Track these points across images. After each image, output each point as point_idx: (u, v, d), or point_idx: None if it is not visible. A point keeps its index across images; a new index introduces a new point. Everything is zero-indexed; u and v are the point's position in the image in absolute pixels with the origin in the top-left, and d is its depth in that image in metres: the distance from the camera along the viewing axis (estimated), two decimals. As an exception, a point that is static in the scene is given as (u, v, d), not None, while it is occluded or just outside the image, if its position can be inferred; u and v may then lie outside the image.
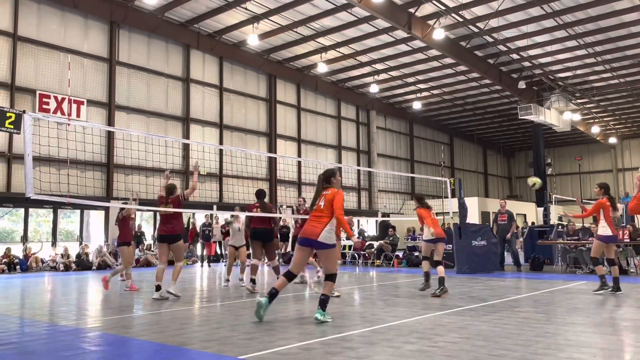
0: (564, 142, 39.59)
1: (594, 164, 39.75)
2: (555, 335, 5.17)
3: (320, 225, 6.10)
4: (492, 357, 4.26)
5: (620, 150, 38.78)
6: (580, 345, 4.79)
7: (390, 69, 25.37)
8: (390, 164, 32.08)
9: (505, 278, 11.78)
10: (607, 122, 34.66)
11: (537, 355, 4.35)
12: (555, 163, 39.18)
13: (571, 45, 21.90)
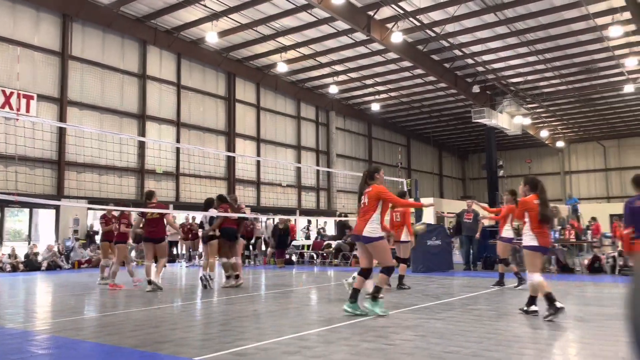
0: (515, 145, 40.95)
1: (542, 167, 41.29)
2: (505, 332, 5.36)
3: (364, 222, 6.34)
4: (446, 354, 4.38)
5: (568, 154, 40.45)
6: (529, 341, 4.99)
7: (350, 71, 25.58)
8: (349, 165, 32.35)
9: (459, 276, 12.10)
10: (555, 126, 36.08)
11: (489, 351, 4.50)
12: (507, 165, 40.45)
13: (523, 51, 22.69)
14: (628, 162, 37.58)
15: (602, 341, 4.88)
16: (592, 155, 39.44)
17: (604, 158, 38.87)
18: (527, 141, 38.88)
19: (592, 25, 19.41)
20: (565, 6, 18.22)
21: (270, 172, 25.87)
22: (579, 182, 39.16)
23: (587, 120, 34.24)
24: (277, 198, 26.46)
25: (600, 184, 38.88)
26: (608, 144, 38.50)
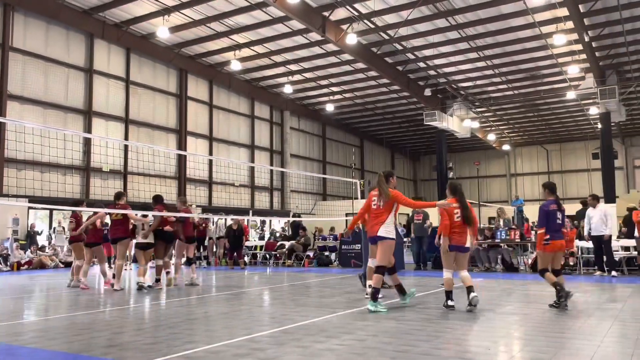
0: (464, 148, 42.12)
1: (490, 169, 42.67)
2: (453, 330, 5.47)
3: (379, 224, 6.89)
4: (397, 353, 4.43)
5: (514, 157, 41.97)
6: (476, 339, 5.11)
7: (305, 71, 25.58)
8: (302, 165, 32.34)
9: (410, 276, 12.30)
10: (502, 130, 37.36)
11: (438, 349, 4.58)
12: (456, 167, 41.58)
13: (472, 57, 23.36)
14: (569, 165, 39.41)
15: (543, 337, 5.05)
16: (536, 159, 41.09)
17: (547, 161, 40.58)
18: (476, 144, 40.06)
19: (537, 33, 20.21)
20: (513, 14, 18.88)
21: (222, 172, 25.51)
22: (524, 184, 40.69)
23: (531, 125, 35.63)
24: (230, 198, 26.14)
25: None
26: (551, 148, 40.21)
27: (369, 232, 7.11)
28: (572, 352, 4.44)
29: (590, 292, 8.85)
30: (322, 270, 14.51)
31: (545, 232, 6.91)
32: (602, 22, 19.49)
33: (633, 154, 37.26)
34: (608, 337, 5.07)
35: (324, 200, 33.38)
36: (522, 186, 40.19)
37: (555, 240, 6.96)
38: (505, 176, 42.00)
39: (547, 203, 7.06)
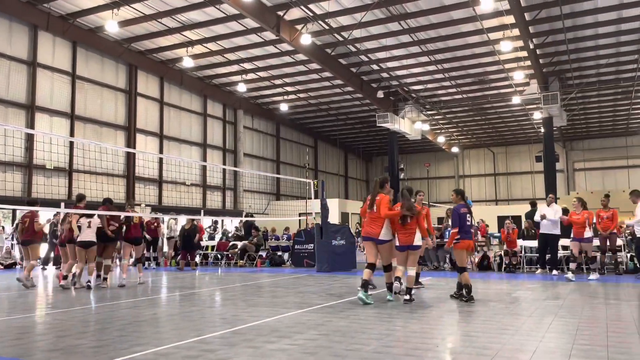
0: (415, 149, 43.00)
1: (440, 170, 43.76)
2: (403, 328, 5.58)
3: (378, 227, 7.49)
4: (348, 352, 4.47)
5: (462, 159, 43.22)
6: (425, 336, 5.23)
7: (259, 70, 25.41)
8: (256, 164, 32.12)
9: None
10: (451, 133, 38.39)
11: (388, 347, 4.66)
12: (408, 168, 42.43)
13: (424, 60, 23.88)
14: (514, 168, 40.95)
15: (488, 334, 5.23)
16: (483, 161, 42.45)
17: (494, 163, 42.01)
18: (427, 146, 40.98)
19: (485, 39, 20.89)
20: (463, 20, 19.43)
21: (173, 170, 24.98)
22: (472, 185, 41.94)
23: (479, 128, 36.78)
24: (181, 197, 25.63)
25: (490, 188, 41.96)
26: (497, 151, 41.64)
27: (365, 232, 7.70)
28: (516, 348, 4.62)
29: (533, 289, 9.22)
30: (275, 270, 14.47)
31: (458, 232, 7.68)
32: (545, 30, 20.36)
33: (573, 158, 39.12)
34: (549, 332, 5.30)
35: (277, 200, 33.28)
36: (470, 187, 41.41)
37: (464, 240, 7.71)
38: (454, 177, 43.18)
39: (458, 206, 7.80)
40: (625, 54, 22.60)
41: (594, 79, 25.58)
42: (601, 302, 7.42)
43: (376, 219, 7.51)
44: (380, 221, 7.48)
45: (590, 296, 8.17)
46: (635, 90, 26.80)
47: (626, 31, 20.28)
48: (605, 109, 31.17)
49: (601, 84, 25.88)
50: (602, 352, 4.40)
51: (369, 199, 7.74)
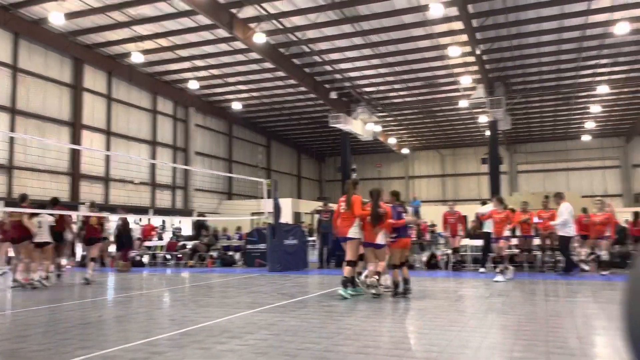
0: (367, 150, 43.55)
1: (390, 171, 44.53)
2: (354, 327, 5.66)
3: (349, 225, 7.93)
4: (299, 351, 4.50)
5: (412, 160, 44.15)
6: (375, 334, 5.33)
7: (211, 67, 25.06)
8: (208, 163, 31.65)
9: (314, 275, 12.51)
10: (402, 134, 39.14)
11: (338, 345, 4.72)
12: (359, 169, 42.92)
13: (376, 63, 24.24)
14: (461, 169, 42.21)
15: (435, 331, 5.39)
16: (432, 162, 43.53)
17: (442, 165, 43.15)
18: (378, 147, 41.58)
19: (435, 44, 21.43)
20: (413, 24, 19.86)
21: (121, 168, 24.25)
22: (421, 186, 42.91)
23: (428, 130, 37.68)
24: (129, 196, 24.91)
25: (438, 188, 43.07)
26: (445, 153, 42.79)
27: (340, 232, 8.10)
28: (462, 344, 4.78)
29: (477, 287, 9.54)
30: (226, 271, 14.32)
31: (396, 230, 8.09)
32: (492, 37, 21.10)
33: (516, 160, 40.72)
34: (492, 328, 5.52)
35: (229, 200, 32.92)
36: (419, 188, 42.35)
37: (402, 238, 8.11)
38: (404, 178, 44.06)
39: (395, 206, 8.23)
40: (566, 62, 23.73)
41: (537, 85, 26.73)
42: (541, 299, 7.77)
43: (347, 218, 7.95)
44: (351, 220, 7.93)
45: (531, 293, 8.54)
46: (574, 96, 28.19)
47: (567, 40, 21.30)
48: (547, 114, 32.63)
49: (543, 90, 27.08)
50: (542, 347, 4.62)
51: (344, 200, 8.15)
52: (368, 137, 31.46)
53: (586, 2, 17.94)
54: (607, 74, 24.95)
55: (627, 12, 18.49)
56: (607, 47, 21.71)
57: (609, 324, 5.69)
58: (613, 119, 33.43)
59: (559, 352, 4.40)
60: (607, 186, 37.92)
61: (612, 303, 7.26)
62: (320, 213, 14.99)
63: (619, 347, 4.59)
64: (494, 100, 25.03)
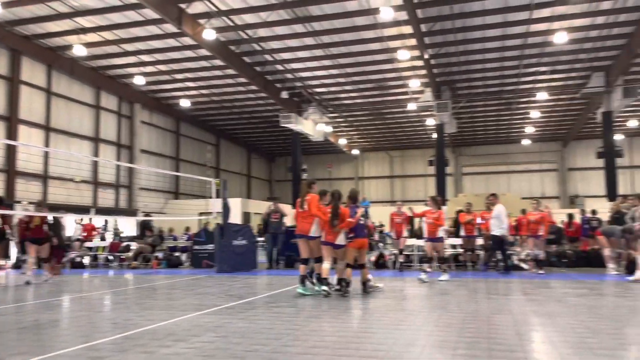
0: (318, 151, 43.69)
1: (341, 172, 44.88)
2: (303, 327, 5.64)
3: (309, 224, 8.20)
4: (247, 353, 4.44)
5: (362, 161, 44.68)
6: (324, 334, 5.33)
7: (158, 63, 24.40)
8: (154, 161, 30.82)
9: (263, 275, 12.41)
10: (352, 135, 39.53)
11: (287, 346, 4.69)
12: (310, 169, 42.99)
13: (327, 64, 24.35)
14: (409, 171, 43.11)
15: (382, 330, 5.45)
16: (381, 163, 44.21)
17: (390, 166, 43.91)
18: (329, 147, 41.81)
19: (385, 47, 21.77)
20: (364, 27, 20.09)
21: (61, 165, 23.20)
22: (370, 186, 43.48)
23: (378, 132, 38.24)
24: (69, 194, 23.87)
25: (386, 189, 43.80)
26: (394, 154, 43.57)
27: (299, 230, 8.41)
28: (409, 343, 4.86)
29: (423, 286, 9.75)
30: (172, 272, 13.98)
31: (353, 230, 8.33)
32: (439, 42, 21.65)
33: (461, 162, 41.99)
34: (438, 326, 5.64)
35: (176, 199, 32.19)
36: (368, 189, 42.90)
37: (358, 239, 8.32)
38: (354, 179, 44.52)
39: (352, 207, 8.47)
40: (508, 69, 24.68)
41: (481, 90, 27.66)
42: (484, 297, 8.03)
43: (307, 217, 8.23)
44: (311, 219, 8.21)
45: (475, 291, 8.81)
46: (516, 102, 29.36)
47: (510, 47, 22.15)
48: (490, 118, 33.82)
49: (487, 95, 28.05)
50: (484, 343, 4.77)
51: (300, 200, 8.44)
52: (319, 137, 31.58)
53: (527, 12, 18.71)
54: (546, 81, 26.15)
55: (566, 23, 19.43)
56: (546, 55, 22.74)
57: (545, 320, 5.94)
58: (551, 124, 35.07)
59: (500, 349, 4.54)
60: (545, 188, 39.73)
61: (549, 301, 7.59)
62: (269, 215, 14.89)
63: (556, 342, 4.80)
64: (441, 103, 25.70)
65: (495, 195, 12.66)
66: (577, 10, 18.63)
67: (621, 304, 7.15)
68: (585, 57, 22.93)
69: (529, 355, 4.34)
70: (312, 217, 8.21)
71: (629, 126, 33.77)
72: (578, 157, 39.36)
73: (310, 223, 8.23)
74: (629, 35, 20.78)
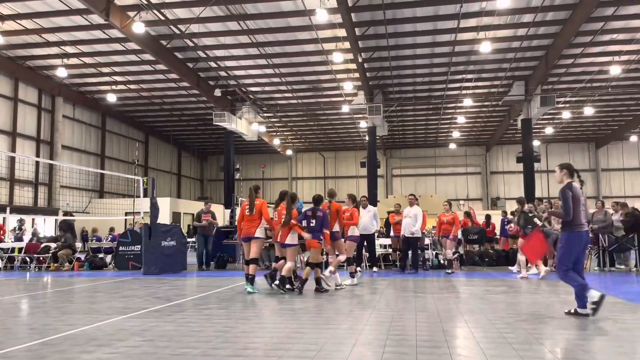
0: (251, 150, 43.37)
1: (274, 172, 44.77)
2: (233, 329, 5.56)
3: (254, 227, 8.74)
4: (175, 357, 4.31)
5: (295, 161, 44.79)
6: (255, 335, 5.29)
7: (83, 55, 23.25)
8: (77, 158, 29.34)
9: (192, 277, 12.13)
10: (286, 136, 39.55)
11: (217, 349, 4.60)
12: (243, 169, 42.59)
13: (262, 63, 24.22)
14: (341, 172, 43.72)
15: (314, 330, 5.48)
16: (314, 164, 44.53)
17: (324, 167, 44.32)
18: (262, 147, 41.60)
19: (320, 49, 21.95)
20: (299, 27, 20.16)
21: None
22: (303, 187, 43.68)
23: (312, 133, 38.50)
24: (-19, 192, 22.25)
25: (319, 190, 44.14)
26: (327, 155, 44.02)
27: (245, 233, 8.77)
28: (339, 342, 4.91)
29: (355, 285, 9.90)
30: (95, 274, 13.34)
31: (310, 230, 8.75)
32: (372, 46, 22.12)
33: (392, 165, 43.13)
34: (367, 325, 5.75)
35: (101, 198, 30.79)
36: (301, 189, 43.07)
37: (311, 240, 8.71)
38: (288, 179, 44.54)
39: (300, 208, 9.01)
40: (437, 75, 25.64)
41: (411, 95, 28.54)
42: (411, 295, 8.28)
43: (253, 220, 8.73)
44: (257, 222, 8.74)
45: (403, 290, 9.06)
46: (443, 107, 30.55)
47: (438, 54, 23.01)
48: (419, 122, 34.98)
49: (416, 99, 28.98)
50: (412, 340, 4.91)
51: (247, 204, 8.88)
52: (252, 137, 31.32)
53: (455, 21, 19.52)
54: (472, 88, 27.41)
55: (491, 33, 20.45)
56: (472, 63, 23.83)
57: (469, 317, 6.21)
58: (476, 129, 36.80)
59: (427, 345, 4.70)
60: (470, 190, 41.62)
61: (472, 298, 7.95)
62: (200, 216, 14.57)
63: (478, 337, 5.03)
64: (373, 107, 26.27)
65: (414, 195, 13.04)
66: (501, 21, 19.67)
67: (537, 301, 7.62)
68: (507, 67, 24.25)
69: (454, 351, 4.51)
70: (258, 221, 8.72)
71: (546, 133, 36.10)
72: (500, 161, 41.56)
73: (255, 226, 8.70)
74: (546, 48, 22.21)
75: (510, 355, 4.33)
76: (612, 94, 27.54)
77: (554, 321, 5.88)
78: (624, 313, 6.41)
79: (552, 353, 4.43)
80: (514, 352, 4.42)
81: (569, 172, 6.26)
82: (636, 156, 39.36)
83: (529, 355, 4.30)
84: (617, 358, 4.24)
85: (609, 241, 12.88)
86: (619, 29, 20.39)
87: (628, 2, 18.16)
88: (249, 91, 28.23)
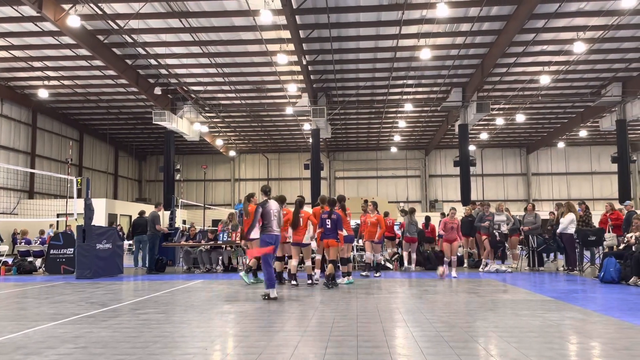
0: (192, 151, 42.48)
1: (216, 173, 44.06)
2: (172, 334, 5.43)
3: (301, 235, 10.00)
4: (109, 364, 4.15)
5: (238, 163, 44.29)
6: (195, 340, 5.18)
7: (12, 48, 21.97)
8: (4, 156, 27.67)
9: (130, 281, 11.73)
10: (229, 136, 39.02)
11: (154, 355, 4.47)
12: (184, 169, 41.66)
13: (205, 62, 23.78)
14: (285, 174, 43.63)
15: (256, 333, 5.44)
16: (258, 165, 44.22)
17: (267, 168, 44.09)
18: (204, 148, 40.84)
19: (264, 50, 21.83)
20: (243, 27, 19.97)
21: None
22: (246, 189, 43.24)
23: (255, 134, 38.20)
24: None
25: (263, 192, 43.90)
26: (271, 157, 43.83)
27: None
28: (281, 344, 4.90)
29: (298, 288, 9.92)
30: (24, 279, 12.64)
31: None
32: (317, 49, 22.25)
33: (335, 167, 43.51)
34: (310, 326, 5.77)
35: (30, 199, 29.21)
36: (244, 191, 42.63)
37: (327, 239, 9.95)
38: (230, 180, 43.98)
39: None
40: (379, 79, 26.13)
41: (354, 99, 28.93)
42: (353, 297, 8.38)
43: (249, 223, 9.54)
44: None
45: (345, 292, 9.16)
46: (385, 111, 31.17)
47: (381, 59, 23.45)
48: (362, 125, 35.52)
49: (359, 103, 29.41)
50: (353, 341, 4.97)
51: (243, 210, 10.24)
52: (194, 137, 30.69)
53: (397, 27, 19.98)
54: (412, 94, 28.13)
55: (431, 40, 21.07)
56: (413, 69, 24.47)
57: (408, 317, 6.36)
58: (415, 134, 37.80)
59: (367, 345, 4.77)
60: (410, 193, 42.66)
61: (411, 298, 8.15)
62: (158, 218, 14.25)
63: (416, 336, 5.16)
64: (317, 109, 26.42)
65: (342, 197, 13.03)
66: (440, 29, 20.31)
67: (472, 300, 7.91)
68: (446, 74, 25.07)
69: (393, 350, 4.61)
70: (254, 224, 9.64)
71: (481, 138, 37.61)
72: (438, 165, 42.88)
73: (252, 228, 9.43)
74: (482, 56, 23.15)
75: (447, 353, 4.47)
76: (542, 102, 29.08)
77: (488, 319, 6.13)
78: (551, 311, 6.78)
79: (485, 350, 4.61)
80: (450, 350, 4.57)
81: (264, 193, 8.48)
82: (563, 162, 41.76)
83: (464, 353, 4.46)
84: (546, 353, 4.48)
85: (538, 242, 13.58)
86: (549, 41, 21.56)
87: (557, 15, 19.25)
88: (190, 90, 27.65)
